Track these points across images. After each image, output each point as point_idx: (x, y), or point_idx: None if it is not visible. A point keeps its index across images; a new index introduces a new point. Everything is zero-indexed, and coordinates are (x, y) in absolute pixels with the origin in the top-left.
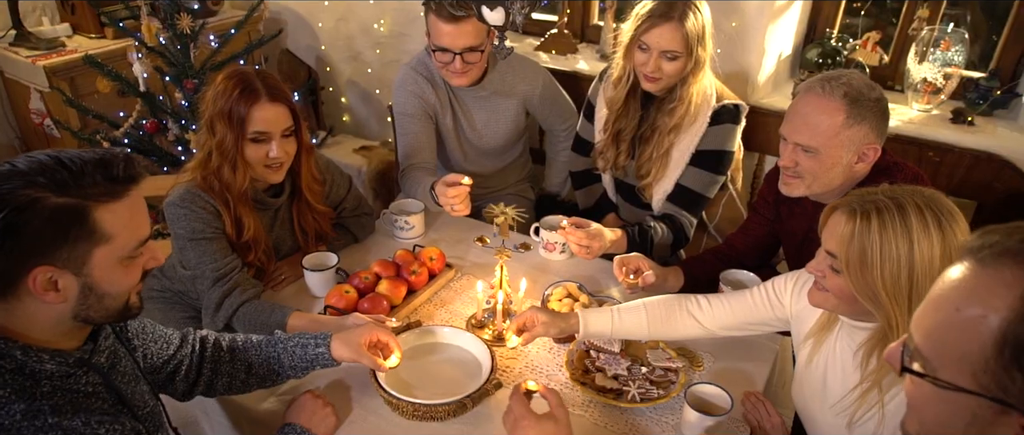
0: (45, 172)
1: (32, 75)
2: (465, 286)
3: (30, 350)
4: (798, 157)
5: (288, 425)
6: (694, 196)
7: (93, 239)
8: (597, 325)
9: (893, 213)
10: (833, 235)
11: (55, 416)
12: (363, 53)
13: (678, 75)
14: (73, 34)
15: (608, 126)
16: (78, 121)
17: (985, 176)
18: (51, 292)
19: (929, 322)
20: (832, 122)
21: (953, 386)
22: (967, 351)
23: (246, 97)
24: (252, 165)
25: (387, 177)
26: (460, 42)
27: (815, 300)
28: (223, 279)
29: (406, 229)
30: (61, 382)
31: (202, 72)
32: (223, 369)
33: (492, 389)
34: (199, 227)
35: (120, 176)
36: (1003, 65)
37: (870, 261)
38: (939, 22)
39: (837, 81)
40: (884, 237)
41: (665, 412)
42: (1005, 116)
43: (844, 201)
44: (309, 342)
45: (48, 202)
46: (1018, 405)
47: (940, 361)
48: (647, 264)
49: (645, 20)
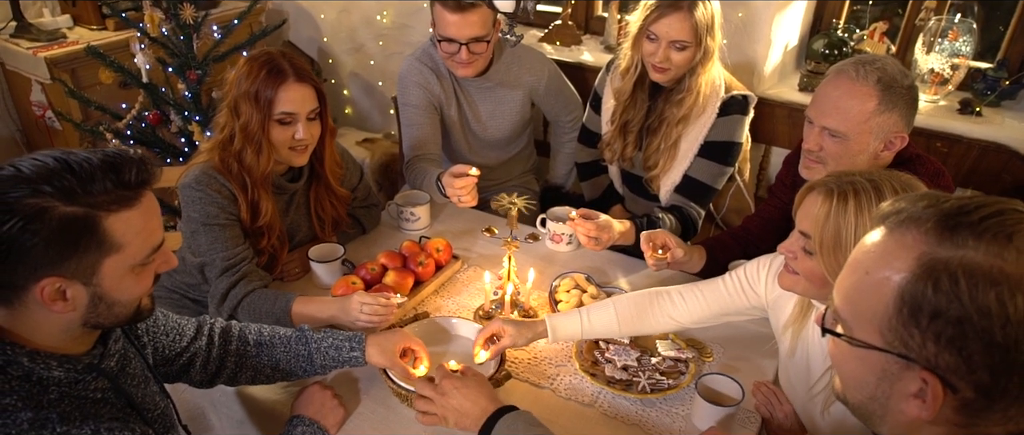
0: (52, 178)
1: (33, 67)
2: (472, 277)
3: (38, 356)
4: (824, 141)
5: (296, 417)
6: (702, 187)
7: (103, 249)
8: (566, 329)
9: (870, 195)
10: (808, 215)
11: (63, 424)
12: (366, 45)
13: (687, 65)
14: (74, 26)
15: (615, 117)
16: (80, 113)
17: (993, 167)
18: (59, 302)
19: (846, 285)
20: (863, 108)
21: (865, 344)
22: (875, 310)
23: (274, 78)
24: (277, 147)
25: (391, 169)
26: (466, 32)
27: (785, 283)
28: (232, 269)
29: (412, 220)
30: (69, 389)
31: (205, 63)
32: (249, 363)
33: (502, 380)
34: (214, 212)
35: (132, 181)
36: (1011, 56)
37: (844, 242)
38: (946, 12)
39: (871, 66)
40: (860, 219)
41: (676, 403)
42: (1013, 107)
43: (821, 181)
44: (343, 344)
45: (56, 213)
46: (918, 359)
47: (855, 321)
48: (673, 241)
49: (654, 9)
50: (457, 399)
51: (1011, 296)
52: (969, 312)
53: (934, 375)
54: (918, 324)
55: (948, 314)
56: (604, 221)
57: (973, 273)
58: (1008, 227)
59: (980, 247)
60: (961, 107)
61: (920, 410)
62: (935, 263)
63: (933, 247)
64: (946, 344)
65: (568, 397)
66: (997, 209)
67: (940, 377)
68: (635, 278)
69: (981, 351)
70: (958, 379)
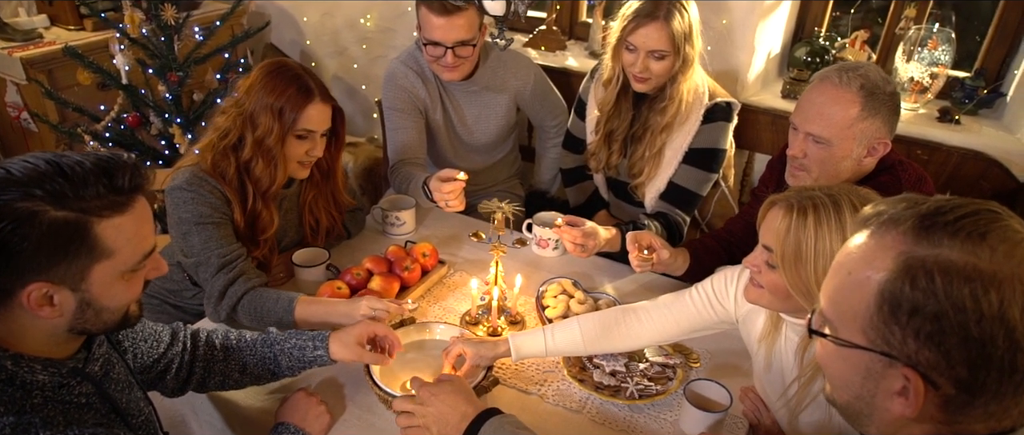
0: (43, 181)
1: (8, 67)
2: (458, 282)
3: (22, 359)
4: (808, 147)
5: (281, 424)
6: (687, 194)
7: (93, 255)
8: (529, 348)
9: (829, 210)
10: (770, 230)
11: (46, 429)
12: (349, 48)
13: (667, 74)
14: (50, 26)
15: (599, 127)
16: (57, 115)
17: (972, 174)
18: (46, 307)
19: (830, 286)
20: (846, 114)
21: (849, 343)
22: (858, 310)
23: (302, 96)
24: (289, 161)
25: (374, 174)
26: (452, 36)
27: (750, 296)
28: (228, 266)
29: (397, 225)
30: (53, 393)
31: (186, 65)
32: (216, 368)
33: (489, 386)
34: (206, 211)
35: (125, 186)
36: (988, 65)
37: (804, 256)
38: (925, 21)
39: (854, 72)
40: (819, 233)
41: (663, 409)
42: (990, 115)
43: (782, 196)
44: (307, 344)
45: (46, 217)
46: (900, 356)
47: (840, 322)
48: (659, 242)
49: (631, 20)
50: (436, 406)
51: (985, 292)
52: (945, 308)
53: (915, 372)
54: (898, 321)
55: (925, 310)
56: (590, 228)
57: (948, 270)
58: (982, 226)
59: (955, 245)
60: (940, 115)
61: (904, 408)
62: (912, 261)
63: (911, 246)
64: (925, 340)
65: (556, 403)
66: (972, 209)
67: (921, 374)
68: (621, 283)
69: (958, 346)
70: (938, 375)
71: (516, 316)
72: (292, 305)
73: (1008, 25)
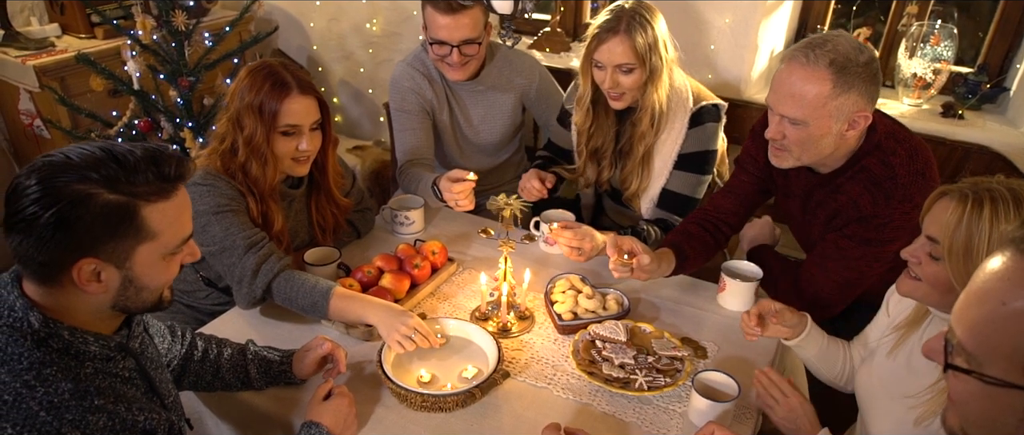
0: (99, 167)
1: (21, 75)
2: (467, 280)
3: (76, 331)
4: (785, 129)
5: (313, 423)
6: (683, 199)
7: (139, 236)
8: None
9: (1008, 204)
10: (937, 220)
11: (101, 398)
12: (355, 53)
13: (638, 87)
14: (62, 34)
15: (582, 148)
16: (69, 121)
17: (977, 169)
18: (94, 283)
19: (973, 316)
20: (818, 92)
21: (1002, 382)
22: (1018, 346)
23: (278, 91)
24: (280, 159)
25: (382, 176)
26: (457, 35)
27: (903, 289)
28: (256, 246)
29: (406, 224)
30: (102, 365)
31: (197, 70)
32: (191, 368)
33: (500, 379)
34: (223, 201)
35: (171, 175)
36: (990, 60)
37: (975, 250)
38: (928, 18)
39: (821, 49)
40: (995, 227)
41: (672, 400)
42: (993, 110)
43: (955, 187)
44: (275, 359)
45: (100, 199)
46: None
47: (987, 357)
48: (640, 247)
49: (595, 37)
50: None
51: None
52: None
53: None
54: None
55: None
56: (585, 230)
57: None
58: None
59: None
60: (944, 110)
61: None
62: None
63: None
64: None
65: (566, 396)
66: None
67: None
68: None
69: None
70: None
71: (525, 312)
72: (329, 292)
73: (1010, 20)
